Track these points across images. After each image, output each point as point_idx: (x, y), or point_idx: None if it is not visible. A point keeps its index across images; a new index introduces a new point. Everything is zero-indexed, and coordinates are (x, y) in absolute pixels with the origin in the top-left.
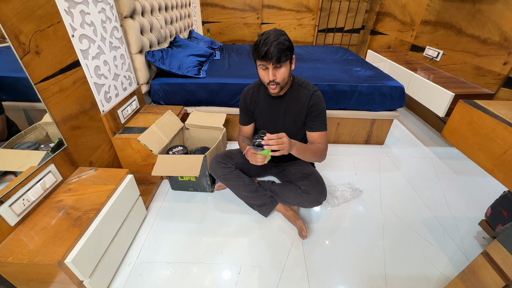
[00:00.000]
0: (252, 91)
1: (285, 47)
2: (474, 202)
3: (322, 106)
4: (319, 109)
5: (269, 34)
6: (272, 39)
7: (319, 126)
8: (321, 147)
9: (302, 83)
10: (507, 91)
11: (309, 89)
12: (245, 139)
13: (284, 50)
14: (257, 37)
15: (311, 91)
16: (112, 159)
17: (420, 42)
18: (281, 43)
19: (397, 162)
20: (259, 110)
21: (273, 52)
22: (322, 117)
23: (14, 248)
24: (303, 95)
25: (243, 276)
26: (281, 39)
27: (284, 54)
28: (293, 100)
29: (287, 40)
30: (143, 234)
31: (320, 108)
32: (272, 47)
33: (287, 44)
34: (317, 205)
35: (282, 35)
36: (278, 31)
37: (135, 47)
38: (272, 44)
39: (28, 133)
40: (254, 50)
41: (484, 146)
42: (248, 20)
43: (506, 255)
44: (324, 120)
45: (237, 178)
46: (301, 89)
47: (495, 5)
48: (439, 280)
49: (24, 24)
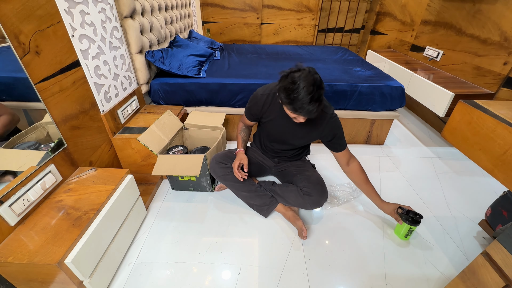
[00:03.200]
0: (266, 99)
1: (317, 112)
2: (474, 202)
3: (340, 131)
4: (339, 136)
5: (305, 88)
6: (311, 99)
7: (341, 145)
8: (358, 167)
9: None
10: (507, 91)
11: (327, 111)
12: (245, 129)
13: (314, 115)
14: (290, 79)
15: (328, 114)
16: (112, 159)
17: (420, 42)
18: (317, 109)
19: (397, 162)
20: (270, 119)
21: (304, 113)
22: (342, 138)
23: (14, 248)
24: (319, 118)
25: (243, 276)
26: (319, 106)
27: (311, 113)
28: (308, 121)
29: (322, 103)
30: (143, 234)
31: (339, 135)
32: (307, 108)
33: (320, 109)
34: (318, 207)
35: (321, 95)
36: (320, 87)
37: (135, 47)
38: (310, 104)
39: (28, 133)
40: (287, 98)
41: (484, 146)
42: (248, 20)
43: (506, 255)
44: (344, 139)
45: (237, 178)
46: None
47: (495, 5)
48: (439, 280)
49: (24, 24)
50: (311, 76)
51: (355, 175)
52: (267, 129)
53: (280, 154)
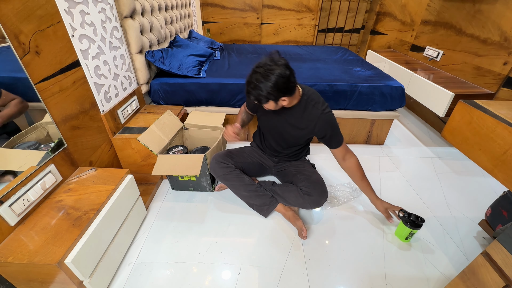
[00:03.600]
0: None
1: (264, 96)
2: (474, 202)
3: (333, 127)
4: (331, 133)
5: (256, 75)
6: (256, 82)
7: (337, 141)
8: (354, 163)
9: (311, 100)
10: (507, 91)
11: (318, 108)
12: (246, 112)
13: (262, 98)
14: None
15: (319, 110)
16: (112, 159)
17: (420, 42)
18: (262, 91)
19: (397, 162)
20: (264, 114)
21: (250, 97)
22: (337, 134)
23: (14, 248)
24: (311, 114)
25: (243, 276)
26: (263, 87)
27: (263, 100)
28: (299, 116)
29: (272, 87)
30: (143, 234)
31: (332, 132)
32: (252, 92)
33: (267, 93)
34: (318, 207)
35: (270, 76)
36: (266, 74)
37: (135, 47)
38: (254, 89)
39: (28, 132)
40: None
41: (484, 146)
42: (248, 20)
43: (506, 255)
44: (339, 134)
45: (237, 178)
46: (310, 106)
47: (495, 5)
48: (439, 280)
49: (24, 24)
50: (267, 71)
51: (351, 171)
52: (262, 125)
53: (278, 154)
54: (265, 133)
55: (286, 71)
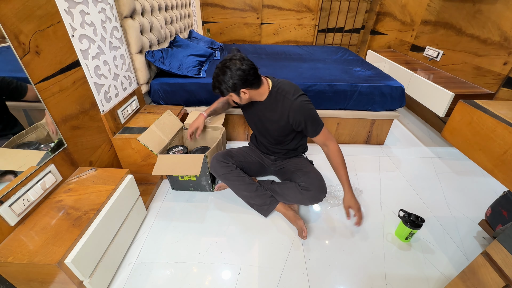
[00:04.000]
0: None
1: (222, 90)
2: (474, 202)
3: (307, 114)
4: (305, 119)
5: (216, 70)
6: (214, 79)
7: (314, 131)
8: (334, 149)
9: (282, 91)
10: (507, 91)
11: (289, 97)
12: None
13: (222, 91)
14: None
15: (290, 100)
16: (112, 159)
17: (420, 42)
18: (219, 85)
19: (397, 162)
20: (248, 109)
21: (214, 90)
22: (313, 121)
23: (14, 248)
24: (282, 105)
25: (243, 276)
26: (221, 81)
27: (224, 92)
28: (271, 108)
29: (227, 82)
30: (143, 234)
31: (306, 118)
32: (215, 87)
33: (224, 87)
34: (317, 202)
35: (224, 74)
36: (222, 69)
37: (135, 47)
38: (214, 83)
39: (29, 132)
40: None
41: (484, 146)
42: (248, 20)
43: (506, 255)
44: (316, 122)
45: (237, 178)
46: (281, 97)
47: (495, 5)
48: (439, 280)
49: (24, 24)
50: (224, 66)
51: (329, 157)
52: (250, 120)
53: (273, 151)
54: (252, 128)
55: (242, 65)
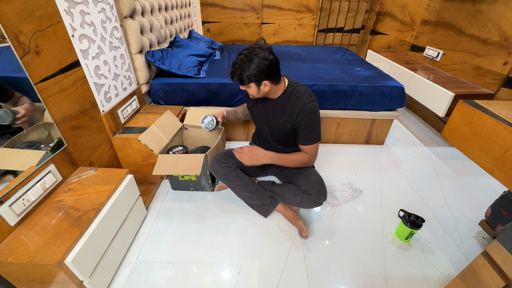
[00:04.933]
0: None
1: (246, 76)
2: (474, 202)
3: (312, 121)
4: (307, 124)
5: (243, 53)
6: (239, 63)
7: (306, 140)
8: (304, 157)
9: (297, 91)
10: (507, 91)
11: (302, 99)
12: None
13: (244, 78)
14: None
15: (303, 102)
16: (112, 159)
17: (420, 42)
18: (244, 71)
19: (397, 162)
20: (255, 108)
21: (234, 77)
22: (311, 130)
23: (14, 248)
24: (294, 105)
25: (243, 276)
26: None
27: (245, 81)
28: (283, 106)
29: (254, 69)
30: (143, 234)
31: (308, 123)
32: (235, 71)
33: (249, 74)
34: (317, 206)
35: (253, 59)
36: (249, 56)
37: (135, 47)
38: (237, 68)
39: (29, 132)
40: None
41: (484, 146)
42: (248, 20)
43: (506, 255)
44: (313, 133)
45: (237, 178)
46: (294, 97)
47: (495, 5)
48: (439, 280)
49: (24, 24)
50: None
51: (297, 153)
52: (253, 117)
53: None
54: (256, 126)
55: (270, 55)
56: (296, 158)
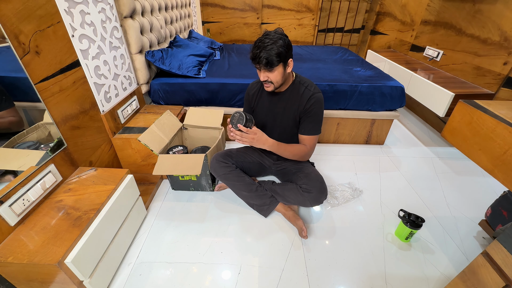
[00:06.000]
0: (257, 85)
1: (275, 54)
2: (474, 202)
3: (318, 111)
4: (313, 112)
5: (266, 36)
6: (266, 44)
7: (308, 130)
8: (303, 149)
9: (304, 82)
10: (507, 91)
11: (310, 89)
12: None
13: (273, 57)
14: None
15: (311, 91)
16: (112, 159)
17: (420, 42)
18: (273, 49)
19: (397, 162)
20: (260, 105)
21: (262, 58)
22: (315, 120)
23: (14, 248)
24: (303, 94)
25: (243, 276)
26: (274, 46)
27: (274, 60)
28: (292, 97)
29: (282, 46)
30: (143, 234)
31: (315, 112)
32: (263, 52)
33: (279, 51)
34: (318, 204)
35: (280, 39)
36: (277, 35)
37: (135, 47)
38: (264, 49)
39: (29, 132)
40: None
41: (484, 146)
42: (248, 20)
43: (506, 255)
44: (316, 124)
45: (237, 178)
46: (302, 88)
47: (495, 5)
48: (439, 280)
49: (24, 24)
50: (277, 34)
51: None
52: (260, 116)
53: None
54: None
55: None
56: (295, 149)
